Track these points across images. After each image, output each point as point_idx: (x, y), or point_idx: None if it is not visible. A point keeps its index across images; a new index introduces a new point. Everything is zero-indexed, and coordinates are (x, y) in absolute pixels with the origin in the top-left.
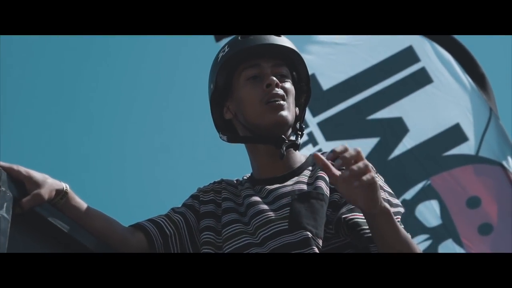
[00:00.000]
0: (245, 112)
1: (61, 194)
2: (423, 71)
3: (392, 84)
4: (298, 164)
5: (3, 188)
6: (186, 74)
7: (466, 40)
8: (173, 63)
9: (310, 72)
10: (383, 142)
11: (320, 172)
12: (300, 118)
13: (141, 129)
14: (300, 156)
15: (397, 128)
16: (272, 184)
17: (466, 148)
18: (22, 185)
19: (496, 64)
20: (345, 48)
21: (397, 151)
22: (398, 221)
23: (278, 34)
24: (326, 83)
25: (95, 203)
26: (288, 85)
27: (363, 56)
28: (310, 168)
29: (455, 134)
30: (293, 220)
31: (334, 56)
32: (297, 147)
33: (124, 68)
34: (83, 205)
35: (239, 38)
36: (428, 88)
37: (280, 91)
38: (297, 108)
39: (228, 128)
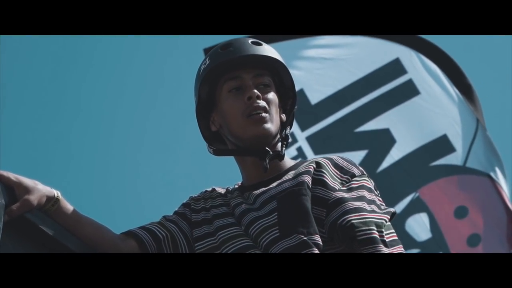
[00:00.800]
0: (228, 125)
1: (52, 200)
2: (410, 83)
3: (379, 96)
4: (286, 167)
5: None
6: (181, 74)
7: (467, 40)
8: (164, 63)
9: (298, 87)
10: (371, 155)
11: (308, 166)
12: (287, 124)
13: (142, 130)
14: (289, 161)
15: (385, 139)
16: (258, 189)
17: (454, 159)
18: (12, 191)
19: (496, 64)
20: (332, 63)
21: (385, 164)
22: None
23: (260, 43)
24: (314, 97)
25: (86, 207)
26: (271, 95)
27: (350, 70)
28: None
29: (442, 145)
30: (282, 227)
31: (321, 71)
32: (282, 157)
33: (124, 68)
34: (75, 212)
35: (219, 49)
36: (415, 99)
37: (262, 103)
38: (283, 115)
39: (216, 139)
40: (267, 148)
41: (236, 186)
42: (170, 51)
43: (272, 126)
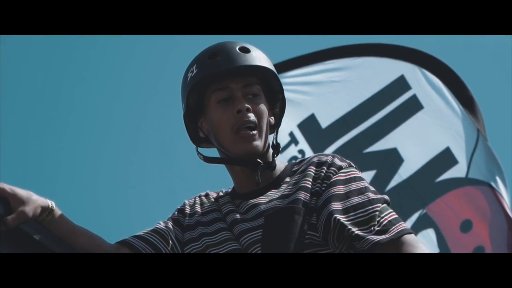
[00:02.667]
0: (217, 136)
1: (46, 211)
2: (414, 98)
3: (385, 115)
4: (278, 173)
5: None
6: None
7: (465, 40)
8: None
9: (309, 113)
10: (379, 175)
11: (303, 181)
12: (275, 128)
13: (143, 131)
14: (280, 164)
15: (393, 159)
16: (251, 199)
17: (457, 171)
18: (7, 202)
19: (496, 64)
20: (341, 85)
21: (393, 182)
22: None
23: (247, 50)
24: (324, 121)
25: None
26: (261, 106)
27: (358, 90)
28: (290, 176)
29: (445, 159)
30: (264, 246)
31: (331, 94)
32: (274, 167)
33: (124, 68)
34: (69, 222)
35: (207, 58)
36: (419, 114)
37: (252, 117)
38: (272, 118)
39: (206, 141)
40: (258, 160)
41: (229, 190)
42: (168, 51)
43: (261, 142)
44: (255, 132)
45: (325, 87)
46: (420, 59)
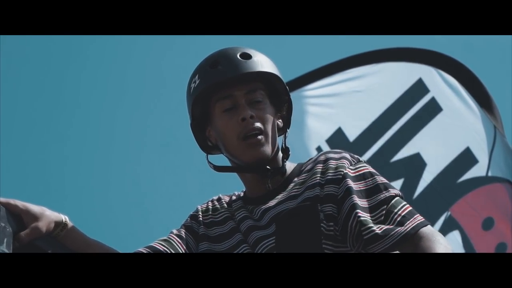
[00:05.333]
0: (224, 145)
1: (60, 226)
2: (433, 101)
3: (407, 121)
4: (287, 175)
5: (2, 224)
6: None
7: (465, 40)
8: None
9: (336, 126)
10: (407, 182)
11: (311, 179)
12: (284, 130)
13: (144, 133)
14: (288, 165)
15: (416, 164)
16: (262, 203)
17: (477, 171)
18: (20, 219)
19: (496, 64)
20: (364, 95)
21: (419, 188)
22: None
23: (248, 56)
24: (351, 134)
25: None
26: (266, 111)
27: (379, 99)
28: (298, 176)
29: (466, 159)
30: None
31: (355, 105)
32: (284, 173)
33: (124, 68)
34: (83, 236)
35: (209, 67)
36: (439, 117)
37: (257, 124)
38: (280, 121)
39: (216, 148)
40: (268, 167)
41: (242, 194)
42: (173, 51)
43: (268, 147)
44: (261, 137)
45: (348, 97)
46: (435, 60)
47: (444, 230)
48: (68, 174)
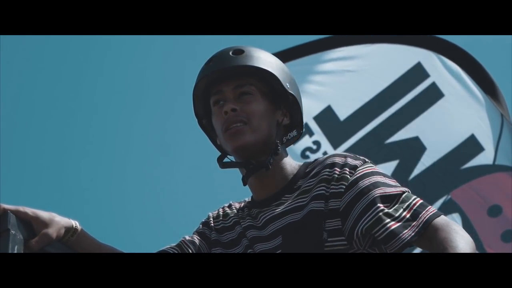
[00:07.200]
0: (219, 139)
1: (70, 231)
2: (433, 86)
3: (405, 104)
4: (290, 177)
5: (13, 231)
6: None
7: (465, 40)
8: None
9: (325, 104)
10: (402, 164)
11: (316, 188)
12: (294, 126)
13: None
14: (293, 165)
15: (415, 148)
16: (266, 207)
17: (484, 159)
18: (30, 226)
19: (496, 64)
20: (356, 75)
21: (416, 171)
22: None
23: (240, 52)
24: (342, 113)
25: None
26: (253, 104)
27: (374, 80)
28: (303, 178)
29: (471, 146)
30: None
31: (347, 85)
32: (268, 167)
33: (127, 68)
34: (94, 241)
35: (204, 64)
36: (440, 103)
37: (239, 117)
38: (283, 118)
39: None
40: (252, 160)
41: (249, 199)
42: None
43: (253, 135)
44: (240, 125)
45: (338, 77)
46: (436, 45)
47: (442, 212)
48: (84, 179)
